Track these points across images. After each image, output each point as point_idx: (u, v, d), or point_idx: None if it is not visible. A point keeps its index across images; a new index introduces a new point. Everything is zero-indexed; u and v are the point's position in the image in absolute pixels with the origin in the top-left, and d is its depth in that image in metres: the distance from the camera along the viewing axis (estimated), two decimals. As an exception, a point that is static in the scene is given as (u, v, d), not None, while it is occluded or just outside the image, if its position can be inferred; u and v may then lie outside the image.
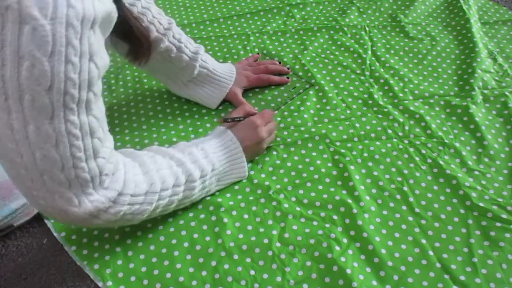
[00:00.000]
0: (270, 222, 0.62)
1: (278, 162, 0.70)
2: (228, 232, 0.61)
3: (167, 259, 0.59)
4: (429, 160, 0.69)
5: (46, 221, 0.64)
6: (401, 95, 0.80)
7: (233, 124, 0.69)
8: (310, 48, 0.90)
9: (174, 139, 0.74)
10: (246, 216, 0.63)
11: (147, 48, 0.63)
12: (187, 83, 0.77)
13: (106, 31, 0.47)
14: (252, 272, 0.57)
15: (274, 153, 0.71)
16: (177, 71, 0.76)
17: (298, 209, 0.64)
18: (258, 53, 0.89)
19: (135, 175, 0.54)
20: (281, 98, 0.80)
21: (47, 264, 0.60)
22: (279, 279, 0.57)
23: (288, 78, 0.84)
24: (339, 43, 0.91)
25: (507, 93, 0.78)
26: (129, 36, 0.59)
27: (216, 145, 0.65)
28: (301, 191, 0.66)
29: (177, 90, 0.79)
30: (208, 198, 0.65)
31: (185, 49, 0.73)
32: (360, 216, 0.62)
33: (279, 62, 0.85)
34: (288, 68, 0.85)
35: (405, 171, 0.68)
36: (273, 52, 0.90)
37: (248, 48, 0.91)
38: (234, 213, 0.64)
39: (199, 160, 0.60)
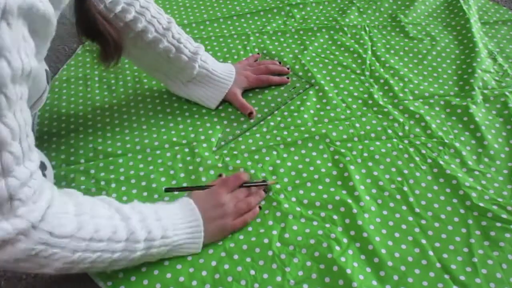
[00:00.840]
0: (270, 222, 0.62)
1: (278, 162, 0.70)
2: (228, 232, 0.62)
3: (167, 259, 0.59)
4: (429, 160, 0.69)
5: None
6: (401, 95, 0.80)
7: (200, 193, 0.62)
8: (310, 48, 0.90)
9: (174, 139, 0.74)
10: (246, 216, 0.63)
11: (115, 49, 0.59)
12: (186, 83, 0.77)
13: (35, 25, 0.41)
14: (252, 272, 0.57)
15: (274, 153, 0.71)
16: (176, 71, 0.75)
17: (298, 209, 0.64)
18: (258, 53, 0.89)
19: (63, 213, 0.46)
20: (281, 98, 0.80)
21: (47, 264, 0.60)
22: (279, 279, 0.57)
23: (288, 78, 0.83)
24: (339, 43, 0.91)
25: (507, 93, 0.78)
26: (94, 34, 0.55)
27: (176, 212, 0.57)
28: (301, 191, 0.66)
29: (176, 90, 0.79)
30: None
31: (185, 50, 0.73)
32: (360, 216, 0.62)
33: (279, 62, 0.85)
34: (288, 68, 0.84)
35: (405, 171, 0.68)
36: (273, 52, 0.90)
37: (248, 48, 0.91)
38: (234, 213, 0.64)
39: (147, 220, 0.53)
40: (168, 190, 0.64)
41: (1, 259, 0.43)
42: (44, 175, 0.60)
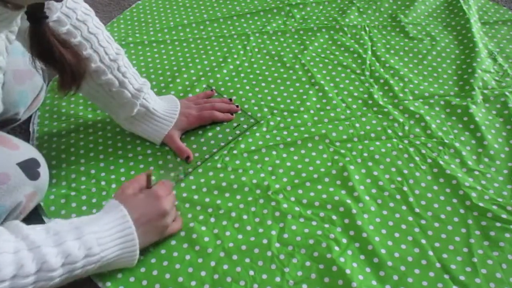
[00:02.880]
0: (269, 222, 0.62)
1: (277, 162, 0.70)
2: (227, 233, 0.61)
3: (166, 260, 0.59)
4: (429, 160, 0.69)
5: (46, 220, 0.64)
6: (401, 95, 0.80)
7: (131, 196, 0.57)
8: (310, 48, 0.90)
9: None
10: (245, 217, 0.63)
11: (72, 77, 0.55)
12: (127, 117, 0.71)
13: None
14: (251, 273, 0.57)
15: (274, 153, 0.71)
16: (115, 105, 0.70)
17: (297, 209, 0.64)
18: (212, 90, 0.82)
19: None
20: (222, 135, 0.75)
21: (47, 265, 0.60)
22: (278, 279, 0.57)
23: (233, 115, 0.77)
24: (339, 43, 0.91)
25: (507, 93, 0.78)
26: (49, 59, 0.51)
27: (103, 224, 0.52)
28: (300, 191, 0.66)
29: (117, 121, 0.73)
30: (207, 199, 0.65)
31: (129, 85, 0.68)
32: (360, 216, 0.62)
33: (230, 100, 0.79)
34: (237, 106, 0.78)
35: (405, 171, 0.68)
36: (273, 52, 0.90)
37: (248, 48, 0.91)
38: (233, 214, 0.63)
39: (65, 242, 0.47)
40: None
41: None
42: (37, 172, 0.60)
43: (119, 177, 0.69)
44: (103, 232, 0.51)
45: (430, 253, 0.58)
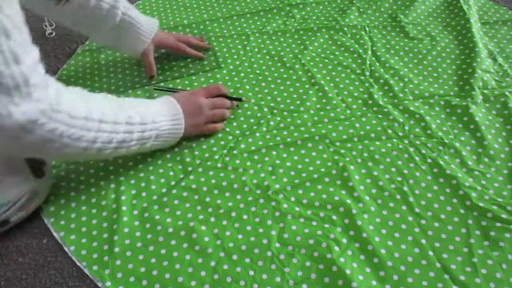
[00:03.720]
0: (269, 222, 0.62)
1: (277, 162, 0.70)
2: (227, 233, 0.61)
3: (166, 260, 0.59)
4: (429, 160, 0.69)
5: (46, 220, 0.64)
6: (401, 95, 0.80)
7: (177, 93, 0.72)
8: (310, 48, 0.90)
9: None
10: (245, 217, 0.63)
11: None
12: (109, 31, 0.76)
13: None
14: (251, 273, 0.57)
15: (274, 153, 0.71)
16: (98, 21, 0.74)
17: (297, 209, 0.64)
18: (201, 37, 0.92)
19: (72, 100, 0.52)
20: (185, 69, 0.86)
21: (47, 264, 0.60)
22: (278, 279, 0.57)
23: (204, 54, 0.88)
24: (339, 43, 0.91)
25: (507, 93, 0.78)
26: None
27: (161, 105, 0.66)
28: (300, 191, 0.66)
29: (99, 40, 0.82)
30: (207, 199, 0.65)
31: None
32: (360, 216, 0.62)
33: (206, 41, 0.91)
34: (208, 44, 0.90)
35: (405, 171, 0.68)
36: (273, 52, 0.90)
37: (248, 48, 0.91)
38: (233, 214, 0.63)
39: (139, 107, 0.62)
40: (156, 89, 0.79)
41: (31, 141, 0.48)
42: (43, 171, 0.63)
43: (118, 177, 0.69)
44: (162, 111, 0.65)
45: (430, 253, 0.58)
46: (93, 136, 0.54)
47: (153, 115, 0.63)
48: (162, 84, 0.84)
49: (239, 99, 0.78)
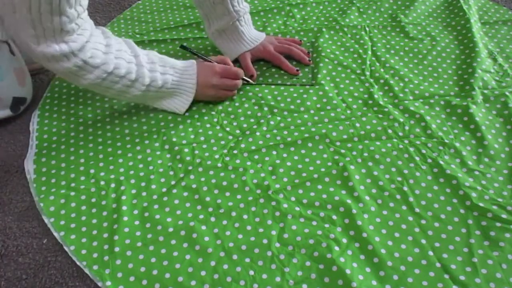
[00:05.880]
0: (269, 222, 0.62)
1: (277, 161, 0.70)
2: (227, 232, 0.61)
3: (166, 259, 0.59)
4: (429, 160, 0.69)
5: (46, 220, 0.64)
6: (401, 95, 0.80)
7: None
8: (311, 49, 0.90)
9: (174, 139, 0.74)
10: (245, 217, 0.63)
11: None
12: (215, 32, 0.85)
13: None
14: (251, 273, 0.57)
15: (274, 152, 0.71)
16: (214, 16, 0.82)
17: (297, 209, 0.64)
18: (300, 40, 0.91)
19: (96, 49, 0.64)
20: (279, 76, 0.85)
21: (47, 264, 0.60)
22: (278, 279, 0.57)
23: (298, 70, 0.85)
24: (339, 43, 0.91)
25: (507, 93, 0.78)
26: None
27: (179, 63, 0.75)
28: (300, 191, 0.66)
29: (208, 32, 0.87)
30: (208, 199, 0.65)
31: (233, 1, 0.80)
32: (360, 216, 0.62)
33: (309, 53, 0.88)
34: (309, 60, 0.86)
35: (405, 171, 0.68)
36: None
37: (248, 48, 0.91)
38: (233, 214, 0.63)
39: (156, 71, 0.71)
40: (183, 47, 0.85)
41: (52, 67, 0.64)
42: (19, 108, 0.76)
43: (119, 177, 0.69)
44: (178, 67, 0.75)
45: (430, 253, 0.58)
46: (101, 81, 0.67)
47: (171, 62, 0.74)
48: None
49: (248, 81, 0.82)
